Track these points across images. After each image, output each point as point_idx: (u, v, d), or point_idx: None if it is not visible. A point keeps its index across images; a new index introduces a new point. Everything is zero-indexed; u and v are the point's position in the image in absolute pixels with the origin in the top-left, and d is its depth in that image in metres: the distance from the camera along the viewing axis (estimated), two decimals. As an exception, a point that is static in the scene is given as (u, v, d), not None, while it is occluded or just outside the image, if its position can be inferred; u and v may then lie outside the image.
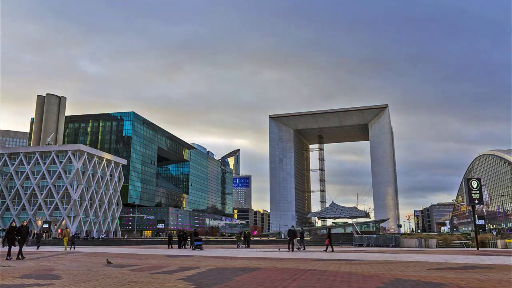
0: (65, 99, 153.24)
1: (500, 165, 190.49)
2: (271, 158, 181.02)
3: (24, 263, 20.64)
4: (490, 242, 45.54)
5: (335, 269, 15.45)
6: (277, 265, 17.93)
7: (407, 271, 14.43)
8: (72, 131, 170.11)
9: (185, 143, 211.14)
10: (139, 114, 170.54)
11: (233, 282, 11.73)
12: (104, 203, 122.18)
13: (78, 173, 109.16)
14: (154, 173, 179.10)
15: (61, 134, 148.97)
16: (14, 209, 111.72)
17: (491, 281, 11.56)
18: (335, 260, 21.12)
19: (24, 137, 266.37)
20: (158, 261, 21.82)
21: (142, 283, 11.67)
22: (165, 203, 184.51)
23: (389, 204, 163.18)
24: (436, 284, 10.84)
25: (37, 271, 15.82)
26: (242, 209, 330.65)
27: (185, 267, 17.09)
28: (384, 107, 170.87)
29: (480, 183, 39.73)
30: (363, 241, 53.45)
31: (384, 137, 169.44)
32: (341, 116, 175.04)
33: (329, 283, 11.35)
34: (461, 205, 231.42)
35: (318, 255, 26.92)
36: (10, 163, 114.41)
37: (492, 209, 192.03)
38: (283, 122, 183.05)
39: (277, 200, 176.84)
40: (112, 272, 15.29)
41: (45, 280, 12.82)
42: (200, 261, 21.34)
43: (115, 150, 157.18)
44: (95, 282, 11.96)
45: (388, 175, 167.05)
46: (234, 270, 15.47)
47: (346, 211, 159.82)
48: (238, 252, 32.14)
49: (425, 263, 18.28)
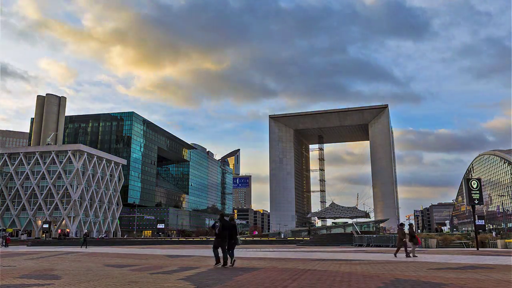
0: (65, 99, 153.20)
1: (500, 165, 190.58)
2: (271, 158, 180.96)
3: (24, 263, 20.65)
4: (490, 242, 45.51)
5: (335, 269, 15.46)
6: (277, 265, 17.93)
7: (407, 271, 14.43)
8: (72, 131, 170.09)
9: (185, 143, 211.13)
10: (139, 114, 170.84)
11: (233, 282, 11.73)
12: (104, 203, 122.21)
13: (78, 173, 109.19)
14: (154, 173, 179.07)
15: (61, 134, 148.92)
16: (14, 209, 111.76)
17: (491, 281, 11.56)
18: (335, 260, 21.12)
19: (24, 137, 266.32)
20: (158, 261, 21.83)
21: (142, 283, 11.67)
22: (165, 203, 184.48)
23: (389, 204, 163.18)
24: (436, 284, 10.85)
25: (37, 271, 15.83)
26: (242, 209, 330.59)
27: (185, 267, 17.09)
28: (384, 107, 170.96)
29: (480, 183, 39.73)
30: (363, 241, 53.42)
31: (384, 137, 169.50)
32: (341, 116, 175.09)
33: (329, 283, 11.35)
34: (461, 205, 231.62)
35: (317, 255, 26.92)
36: (10, 163, 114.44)
37: (492, 209, 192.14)
38: (283, 122, 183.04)
39: (277, 200, 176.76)
40: (112, 272, 15.29)
41: (45, 280, 12.82)
42: (200, 261, 21.35)
43: (115, 150, 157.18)
44: (95, 282, 11.96)
45: (388, 175, 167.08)
46: (234, 270, 15.47)
47: (346, 211, 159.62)
48: (238, 252, 32.12)
49: (425, 263, 18.28)
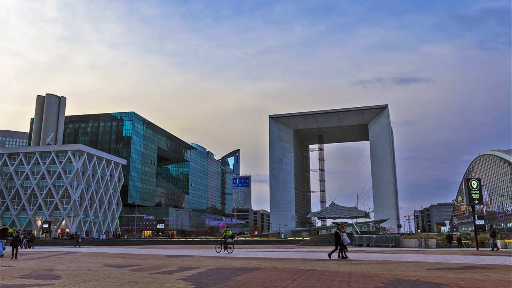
0: (65, 99, 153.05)
1: (500, 165, 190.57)
2: (271, 158, 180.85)
3: (24, 263, 20.64)
4: (489, 242, 45.49)
5: (335, 269, 15.46)
6: (277, 265, 17.92)
7: (407, 271, 14.43)
8: (72, 131, 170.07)
9: (185, 143, 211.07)
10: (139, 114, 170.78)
11: (233, 282, 11.73)
12: (104, 203, 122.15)
13: (78, 173, 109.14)
14: (154, 173, 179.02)
15: (61, 134, 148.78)
16: (14, 209, 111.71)
17: (491, 281, 11.56)
18: (335, 260, 21.12)
19: (24, 137, 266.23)
20: (158, 261, 21.83)
21: (142, 283, 11.67)
22: (165, 203, 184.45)
23: (389, 204, 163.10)
24: (435, 284, 10.85)
25: (37, 271, 15.83)
26: (242, 209, 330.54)
27: (185, 267, 17.09)
28: (384, 107, 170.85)
29: (480, 183, 39.71)
30: (363, 241, 53.44)
31: (384, 137, 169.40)
32: (341, 116, 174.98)
33: (329, 283, 11.35)
34: (461, 205, 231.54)
35: (317, 255, 26.91)
36: (10, 163, 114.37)
37: (492, 209, 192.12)
38: (283, 122, 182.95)
39: (277, 200, 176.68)
40: (112, 272, 15.29)
41: (45, 280, 12.82)
42: (200, 261, 21.34)
43: (115, 150, 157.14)
44: (95, 282, 11.96)
45: (388, 175, 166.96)
46: (234, 270, 15.47)
47: (346, 211, 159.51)
48: (238, 252, 32.11)
49: (425, 263, 18.28)
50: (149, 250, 38.14)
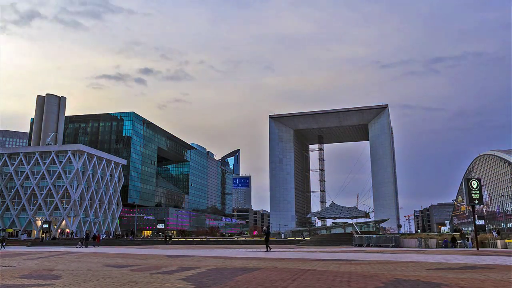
0: (65, 99, 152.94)
1: (500, 165, 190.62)
2: (271, 158, 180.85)
3: (24, 263, 20.64)
4: (490, 242, 45.50)
5: (335, 269, 15.45)
6: (277, 265, 17.92)
7: (407, 271, 14.43)
8: (72, 131, 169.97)
9: (185, 143, 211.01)
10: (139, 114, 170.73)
11: (233, 282, 11.73)
12: (104, 203, 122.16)
13: (78, 173, 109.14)
14: (154, 173, 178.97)
15: (61, 134, 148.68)
16: (14, 209, 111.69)
17: (491, 281, 11.55)
18: (335, 260, 21.12)
19: (24, 137, 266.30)
20: (158, 261, 21.82)
21: (142, 283, 11.67)
22: (165, 203, 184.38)
23: (389, 204, 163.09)
24: (435, 284, 10.84)
25: (37, 271, 15.82)
26: (242, 209, 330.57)
27: (185, 267, 17.09)
28: (384, 107, 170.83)
29: (480, 183, 39.69)
30: (363, 241, 53.39)
31: (384, 137, 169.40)
32: (341, 116, 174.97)
33: (329, 283, 11.35)
34: (461, 205, 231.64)
35: (317, 255, 26.91)
36: (10, 163, 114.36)
37: (492, 209, 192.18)
38: (283, 122, 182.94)
39: (277, 200, 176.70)
40: (112, 272, 15.29)
41: (45, 280, 12.82)
42: (200, 261, 21.34)
43: (115, 150, 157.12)
44: (95, 282, 11.96)
45: (388, 175, 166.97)
46: (234, 270, 15.47)
47: (346, 211, 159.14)
48: (238, 252, 32.14)
49: (425, 263, 18.27)
50: (149, 250, 38.15)
